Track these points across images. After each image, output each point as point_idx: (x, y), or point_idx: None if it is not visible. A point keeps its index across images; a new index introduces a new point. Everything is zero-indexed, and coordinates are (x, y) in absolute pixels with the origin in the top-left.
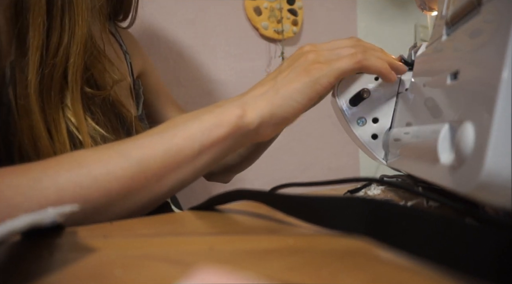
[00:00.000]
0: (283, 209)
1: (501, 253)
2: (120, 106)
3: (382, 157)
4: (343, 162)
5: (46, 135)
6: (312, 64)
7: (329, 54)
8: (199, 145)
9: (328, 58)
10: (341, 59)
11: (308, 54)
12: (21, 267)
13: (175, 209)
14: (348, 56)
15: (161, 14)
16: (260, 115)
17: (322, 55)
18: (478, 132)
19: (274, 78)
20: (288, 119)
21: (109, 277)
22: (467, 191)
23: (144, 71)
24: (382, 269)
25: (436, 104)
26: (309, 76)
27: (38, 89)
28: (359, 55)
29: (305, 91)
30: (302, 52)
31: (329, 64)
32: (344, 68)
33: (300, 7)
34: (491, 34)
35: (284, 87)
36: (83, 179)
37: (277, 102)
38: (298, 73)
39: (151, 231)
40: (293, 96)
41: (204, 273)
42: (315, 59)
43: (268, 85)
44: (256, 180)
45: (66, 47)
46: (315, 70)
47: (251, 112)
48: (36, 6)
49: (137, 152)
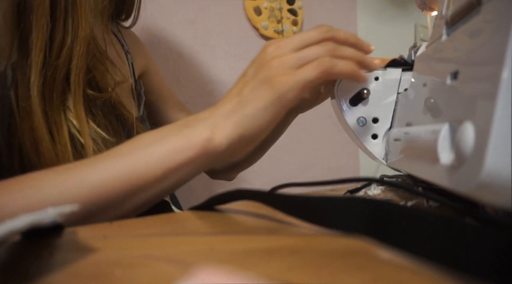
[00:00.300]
0: (283, 209)
1: (501, 253)
2: (121, 108)
3: (382, 157)
4: (343, 162)
5: (48, 137)
6: (276, 76)
7: (294, 60)
8: (163, 169)
9: (293, 65)
10: (307, 69)
11: (271, 62)
12: (21, 267)
13: (175, 209)
14: (314, 64)
15: (161, 14)
16: (229, 137)
17: (286, 62)
18: (478, 132)
19: (240, 92)
20: (258, 138)
21: (109, 277)
22: (467, 191)
23: (146, 70)
24: (382, 269)
25: (436, 104)
26: (273, 92)
27: (41, 91)
28: (326, 62)
29: (272, 109)
30: (265, 60)
31: (294, 75)
32: (310, 80)
33: (300, 7)
34: (491, 34)
35: (250, 106)
36: (36, 203)
37: (245, 123)
38: (263, 89)
39: (151, 231)
40: (260, 115)
41: (204, 273)
42: (279, 68)
43: (235, 100)
44: (256, 180)
45: (69, 49)
46: (279, 84)
47: (219, 134)
48: (40, 7)
49: (95, 177)
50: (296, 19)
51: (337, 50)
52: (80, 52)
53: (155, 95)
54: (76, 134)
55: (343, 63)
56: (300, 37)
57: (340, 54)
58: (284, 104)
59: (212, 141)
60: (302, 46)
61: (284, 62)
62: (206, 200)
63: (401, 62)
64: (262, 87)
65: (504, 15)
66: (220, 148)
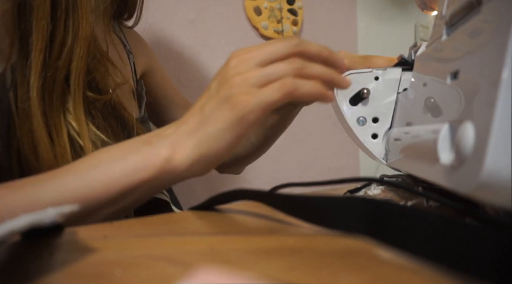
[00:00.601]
0: (283, 209)
1: (501, 253)
2: (122, 109)
3: (382, 157)
4: (343, 162)
5: (47, 139)
6: (237, 96)
7: (257, 78)
8: (120, 189)
9: (255, 83)
10: (268, 90)
11: (233, 79)
12: (21, 267)
13: (175, 209)
14: (276, 85)
15: (161, 14)
16: (190, 157)
17: (249, 80)
18: (478, 132)
19: (203, 109)
20: (220, 158)
21: (109, 277)
22: (467, 191)
23: (149, 69)
24: (382, 269)
25: (436, 104)
26: (234, 113)
27: (40, 92)
28: (289, 84)
29: (233, 130)
30: (227, 76)
31: (255, 96)
32: (271, 102)
33: (300, 7)
34: (491, 34)
35: (212, 125)
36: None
37: (206, 143)
38: (224, 108)
39: (151, 231)
40: (221, 136)
41: (204, 273)
42: (240, 87)
43: (198, 118)
44: (256, 180)
45: (69, 50)
46: (240, 105)
47: (180, 153)
48: (40, 8)
49: (48, 196)
50: (296, 19)
51: (304, 69)
52: (81, 54)
53: (159, 94)
54: (76, 137)
55: (308, 85)
56: (267, 51)
57: (307, 73)
58: (245, 126)
59: (172, 161)
60: (267, 61)
61: (246, 80)
62: (206, 200)
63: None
64: (223, 107)
65: (504, 15)
66: (180, 168)
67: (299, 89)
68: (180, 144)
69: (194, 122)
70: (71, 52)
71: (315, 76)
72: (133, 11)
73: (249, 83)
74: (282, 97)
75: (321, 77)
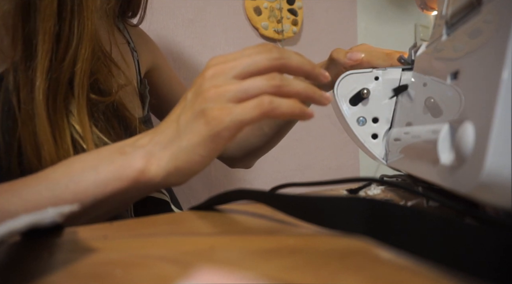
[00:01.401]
0: (283, 209)
1: (501, 253)
2: (124, 110)
3: (382, 157)
4: (343, 162)
5: (52, 141)
6: (211, 111)
7: (233, 93)
8: (92, 199)
9: (231, 99)
10: (245, 108)
11: (208, 92)
12: (21, 267)
13: (175, 209)
14: (253, 104)
15: (161, 14)
16: (165, 169)
17: (224, 94)
18: (478, 132)
19: (178, 119)
20: (195, 171)
21: (109, 277)
22: (467, 191)
23: (155, 65)
24: (382, 269)
25: (436, 104)
26: (208, 129)
27: (46, 94)
28: (266, 103)
29: (207, 145)
30: (203, 88)
31: (230, 113)
32: (247, 120)
33: (300, 7)
34: (491, 34)
35: (186, 139)
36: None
37: (181, 156)
38: (198, 123)
39: (151, 231)
40: (195, 150)
41: (204, 273)
42: (215, 101)
43: (173, 128)
44: (256, 180)
45: (74, 51)
46: (214, 120)
47: (155, 165)
48: (47, 9)
49: (18, 206)
50: (296, 19)
51: (283, 87)
52: (85, 55)
53: (165, 90)
54: (79, 140)
55: (286, 104)
56: (245, 63)
57: (286, 91)
58: (219, 143)
59: (147, 173)
60: (245, 74)
61: (221, 94)
62: (206, 200)
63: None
64: (198, 121)
65: (504, 15)
66: (155, 180)
67: (277, 109)
68: (155, 156)
69: (169, 133)
70: (76, 54)
71: (294, 94)
72: (137, 10)
73: (225, 98)
74: (258, 116)
75: (300, 96)
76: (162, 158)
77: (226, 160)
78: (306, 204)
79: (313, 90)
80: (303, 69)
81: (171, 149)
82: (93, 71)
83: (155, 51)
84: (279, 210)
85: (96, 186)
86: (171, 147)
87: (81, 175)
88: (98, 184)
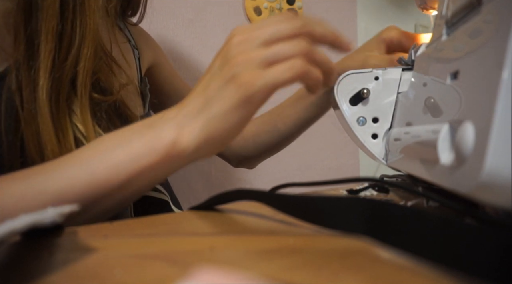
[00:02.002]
0: (283, 209)
1: (501, 253)
2: (126, 109)
3: (382, 157)
4: (343, 162)
5: (55, 140)
6: (242, 75)
7: (262, 58)
8: (125, 175)
9: (261, 63)
10: (277, 70)
11: (237, 58)
12: (21, 267)
13: (175, 209)
14: (286, 66)
15: (161, 14)
16: (196, 139)
17: (254, 60)
18: (478, 132)
19: (206, 89)
20: (226, 141)
21: (109, 277)
22: (467, 191)
23: (156, 63)
24: (382, 269)
25: (436, 104)
26: (241, 93)
27: (49, 94)
28: (301, 67)
29: (240, 111)
30: (230, 55)
31: (262, 76)
32: (280, 82)
33: (300, 7)
34: (491, 34)
35: (217, 106)
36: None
37: (212, 125)
38: (229, 88)
39: (151, 231)
40: (227, 117)
41: (204, 273)
42: (245, 66)
43: (201, 98)
44: (256, 180)
45: (77, 51)
46: (246, 84)
47: (186, 136)
48: (50, 9)
49: (54, 187)
50: None
51: (311, 54)
52: (88, 55)
53: (166, 86)
54: (82, 139)
55: (316, 72)
56: (270, 31)
57: (314, 59)
58: (252, 106)
59: (178, 144)
60: (272, 40)
61: (250, 60)
62: (206, 200)
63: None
64: (228, 86)
65: (504, 15)
66: (187, 151)
67: (310, 73)
68: (186, 126)
69: (198, 103)
70: (79, 53)
71: (320, 64)
72: (136, 9)
73: (254, 63)
74: (291, 78)
75: (323, 68)
76: (193, 128)
77: (233, 158)
78: (306, 204)
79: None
80: (327, 37)
81: (202, 118)
82: (95, 70)
83: (155, 48)
84: (279, 210)
85: (128, 161)
86: (201, 116)
87: (113, 151)
88: (131, 159)
